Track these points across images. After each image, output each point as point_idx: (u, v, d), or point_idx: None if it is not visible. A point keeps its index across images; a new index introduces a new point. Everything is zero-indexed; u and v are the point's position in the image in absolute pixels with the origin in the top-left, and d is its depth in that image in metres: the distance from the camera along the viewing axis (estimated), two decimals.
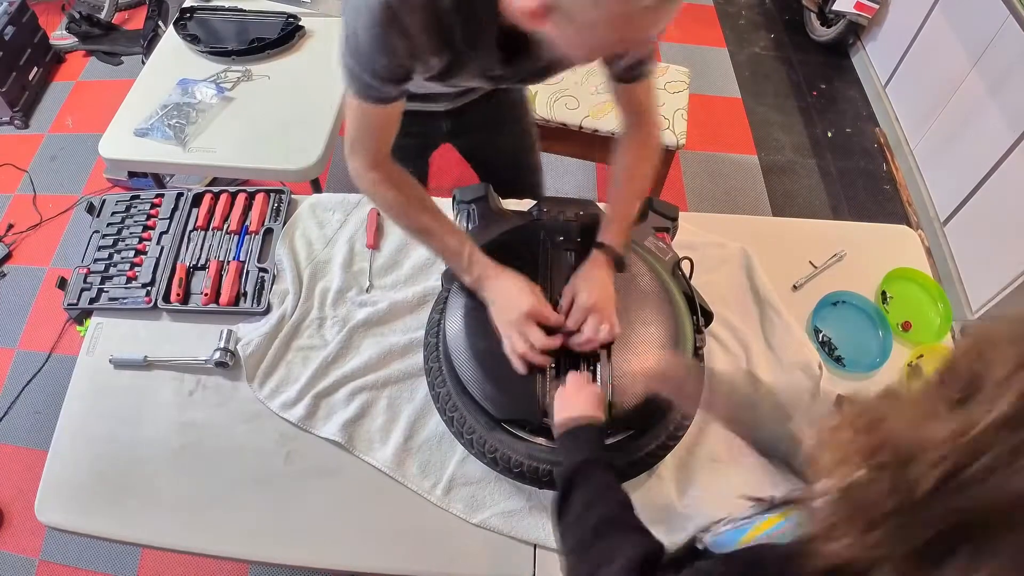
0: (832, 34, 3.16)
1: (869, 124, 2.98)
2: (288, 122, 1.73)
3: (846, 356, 1.31)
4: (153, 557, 1.82)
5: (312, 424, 1.19)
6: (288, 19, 1.91)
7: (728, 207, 2.64)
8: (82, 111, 2.85)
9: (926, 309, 1.40)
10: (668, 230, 1.30)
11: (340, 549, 1.10)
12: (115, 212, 1.46)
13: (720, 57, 3.23)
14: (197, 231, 1.42)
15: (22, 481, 1.95)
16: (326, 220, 1.45)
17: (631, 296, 1.15)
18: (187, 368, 1.25)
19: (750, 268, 1.39)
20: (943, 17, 2.53)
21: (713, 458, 1.17)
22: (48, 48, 2.96)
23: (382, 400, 1.22)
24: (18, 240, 2.46)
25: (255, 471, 1.16)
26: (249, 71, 1.83)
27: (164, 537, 1.11)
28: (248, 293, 1.34)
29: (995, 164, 2.16)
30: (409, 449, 1.17)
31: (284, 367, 1.26)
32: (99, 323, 1.32)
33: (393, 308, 1.31)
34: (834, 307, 1.38)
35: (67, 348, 2.19)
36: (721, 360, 1.28)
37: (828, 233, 1.50)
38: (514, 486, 1.12)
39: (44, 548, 1.85)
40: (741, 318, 1.33)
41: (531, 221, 1.26)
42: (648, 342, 1.10)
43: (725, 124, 2.94)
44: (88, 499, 1.14)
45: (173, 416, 1.21)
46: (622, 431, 1.06)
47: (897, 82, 2.87)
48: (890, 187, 2.76)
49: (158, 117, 1.70)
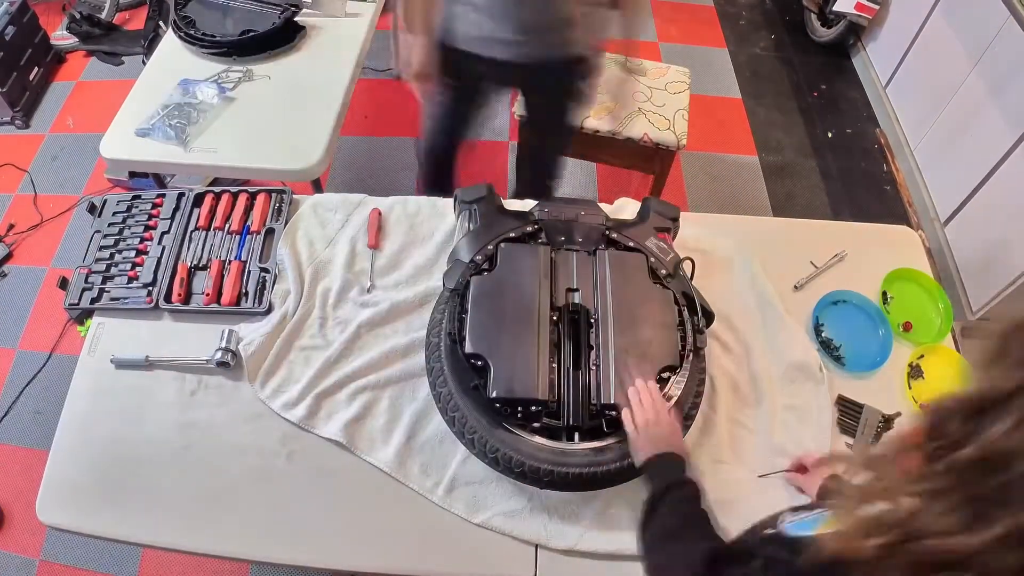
0: (832, 35, 3.16)
1: (870, 125, 2.98)
2: (289, 122, 1.73)
3: (847, 355, 1.31)
4: (154, 557, 1.82)
5: (313, 424, 1.19)
6: (285, 9, 1.90)
7: (729, 207, 2.64)
8: (83, 111, 2.85)
9: (927, 309, 1.40)
10: (669, 230, 1.30)
11: (341, 549, 1.10)
12: (116, 212, 1.46)
13: (721, 58, 3.23)
14: (199, 231, 1.42)
15: (22, 481, 1.95)
16: (328, 220, 1.45)
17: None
18: (189, 368, 1.25)
19: (751, 268, 1.39)
20: (943, 18, 2.53)
21: (716, 459, 1.17)
22: (49, 48, 2.96)
23: (384, 400, 1.22)
24: (19, 240, 2.46)
25: (257, 471, 1.16)
26: (250, 71, 1.83)
27: (165, 537, 1.11)
28: (250, 293, 1.34)
29: (995, 165, 2.16)
30: (411, 449, 1.17)
31: (286, 367, 1.26)
32: (100, 323, 1.32)
33: (395, 308, 1.31)
34: (835, 307, 1.38)
35: (68, 348, 2.19)
36: (722, 360, 1.28)
37: (829, 233, 1.50)
38: (515, 486, 1.12)
39: (45, 548, 1.85)
40: (742, 318, 1.33)
41: (532, 221, 1.26)
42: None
43: (726, 125, 2.94)
44: (89, 499, 1.14)
45: (175, 416, 1.21)
46: (622, 427, 1.06)
47: (897, 83, 2.87)
48: (891, 188, 2.76)
49: (159, 117, 1.70)
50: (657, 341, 1.11)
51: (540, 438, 1.05)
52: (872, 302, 1.37)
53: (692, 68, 2.28)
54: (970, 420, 0.50)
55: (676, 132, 2.04)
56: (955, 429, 0.51)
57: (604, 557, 1.08)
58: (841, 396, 1.25)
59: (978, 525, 0.47)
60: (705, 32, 3.34)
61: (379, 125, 2.79)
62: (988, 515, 0.47)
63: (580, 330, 1.13)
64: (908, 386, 1.27)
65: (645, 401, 1.02)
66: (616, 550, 1.08)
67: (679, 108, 2.10)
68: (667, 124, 2.06)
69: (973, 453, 0.49)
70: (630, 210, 1.42)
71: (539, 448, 1.04)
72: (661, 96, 2.14)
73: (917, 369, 1.30)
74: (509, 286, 1.15)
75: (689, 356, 1.13)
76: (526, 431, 1.05)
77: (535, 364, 1.07)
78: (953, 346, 1.34)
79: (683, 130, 2.05)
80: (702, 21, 3.40)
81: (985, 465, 0.48)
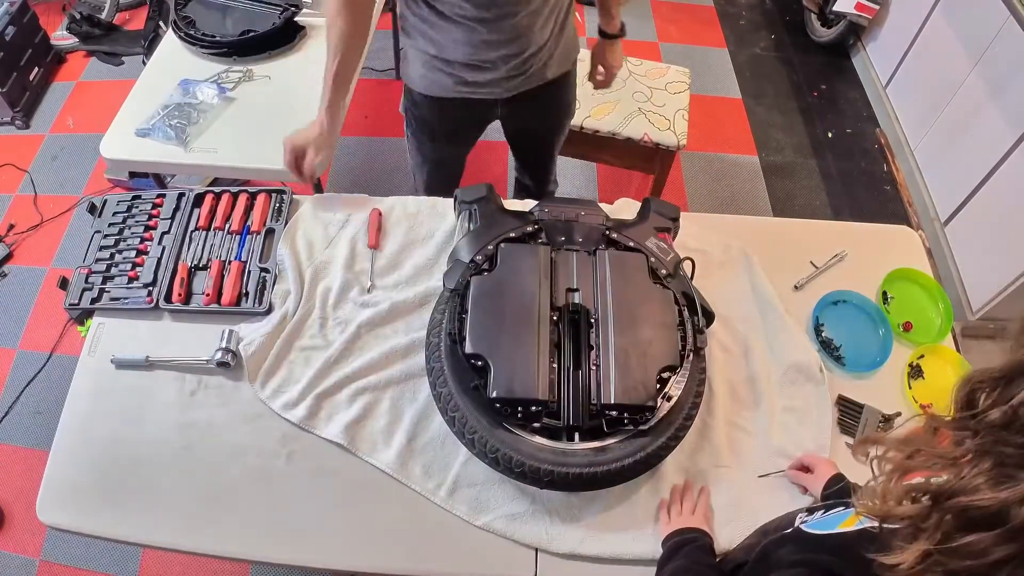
0: (833, 35, 3.16)
1: (870, 125, 2.98)
2: (289, 122, 1.72)
3: (847, 355, 1.31)
4: (154, 557, 1.82)
5: (314, 425, 1.19)
6: (285, 9, 1.90)
7: (729, 207, 2.65)
8: (83, 111, 2.85)
9: (927, 309, 1.40)
10: (669, 230, 1.30)
11: (341, 549, 1.10)
12: (116, 212, 1.46)
13: (721, 58, 3.23)
14: (199, 231, 1.42)
15: (23, 481, 1.95)
16: (328, 220, 1.45)
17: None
18: (189, 368, 1.25)
19: (751, 268, 1.39)
20: (943, 18, 2.53)
21: (716, 462, 1.17)
22: (49, 48, 2.96)
23: (384, 401, 1.22)
24: (19, 240, 2.46)
25: (257, 471, 1.16)
26: (250, 71, 1.83)
27: (165, 537, 1.11)
28: (250, 293, 1.34)
29: (996, 164, 2.16)
30: (412, 450, 1.17)
31: (286, 367, 1.26)
32: (100, 323, 1.32)
33: (395, 308, 1.31)
34: (835, 306, 1.38)
35: (68, 348, 2.19)
36: (722, 361, 1.28)
37: (829, 233, 1.50)
38: (518, 489, 1.12)
39: (45, 548, 1.85)
40: (742, 319, 1.33)
41: (532, 221, 1.26)
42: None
43: (726, 124, 2.94)
44: (89, 499, 1.14)
45: (175, 416, 1.21)
46: (623, 428, 1.06)
47: (897, 83, 2.87)
48: (891, 187, 2.76)
49: (159, 117, 1.70)
50: (657, 341, 1.11)
51: (540, 438, 1.05)
52: (872, 302, 1.37)
53: (692, 68, 2.28)
54: (998, 389, 0.55)
55: (676, 132, 2.04)
56: (985, 398, 0.55)
57: (605, 561, 1.08)
58: (841, 396, 1.25)
59: (1006, 481, 0.51)
60: (705, 32, 3.34)
61: (379, 125, 2.79)
62: (1014, 473, 0.51)
63: (580, 330, 1.13)
64: (908, 386, 1.27)
65: (686, 500, 1.10)
66: (617, 554, 1.08)
67: (679, 108, 2.10)
68: (667, 124, 2.06)
69: (1000, 417, 0.53)
70: (630, 210, 1.42)
71: (539, 448, 1.04)
72: (661, 96, 2.14)
73: (917, 369, 1.30)
74: (509, 286, 1.15)
75: (689, 356, 1.13)
76: (526, 431, 1.05)
77: (535, 364, 1.07)
78: (953, 346, 1.34)
79: (683, 130, 2.05)
80: (702, 21, 3.40)
81: (1011, 427, 0.52)
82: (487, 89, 1.43)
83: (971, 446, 0.54)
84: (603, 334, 1.11)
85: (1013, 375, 0.54)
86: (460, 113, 1.50)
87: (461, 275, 1.16)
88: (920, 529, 0.54)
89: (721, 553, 1.04)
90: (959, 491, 0.52)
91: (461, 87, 1.42)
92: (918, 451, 0.58)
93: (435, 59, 1.38)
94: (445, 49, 1.35)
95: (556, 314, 1.14)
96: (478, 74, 1.39)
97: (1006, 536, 0.50)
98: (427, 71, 1.43)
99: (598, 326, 1.13)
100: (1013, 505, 0.49)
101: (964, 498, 0.52)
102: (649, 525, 1.10)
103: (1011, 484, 0.50)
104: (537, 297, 1.14)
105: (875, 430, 1.21)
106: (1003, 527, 0.50)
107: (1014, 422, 0.52)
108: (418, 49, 1.40)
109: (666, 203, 1.34)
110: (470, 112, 1.51)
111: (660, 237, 1.27)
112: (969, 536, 0.51)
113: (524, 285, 1.15)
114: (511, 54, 1.36)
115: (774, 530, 0.83)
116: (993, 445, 0.53)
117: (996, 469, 0.52)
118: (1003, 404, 0.53)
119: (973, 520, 0.52)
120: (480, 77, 1.40)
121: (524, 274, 1.16)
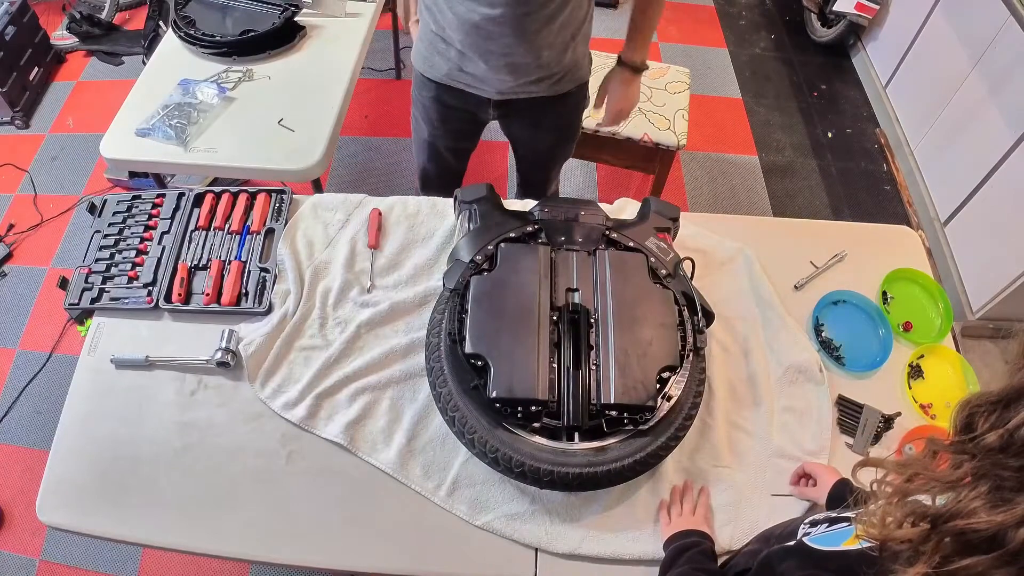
0: (832, 35, 3.16)
1: (869, 124, 2.98)
2: (289, 122, 1.73)
3: (846, 355, 1.31)
4: (154, 557, 1.82)
5: (314, 424, 1.19)
6: (285, 9, 1.90)
7: (729, 207, 2.65)
8: (83, 111, 2.85)
9: (927, 309, 1.40)
10: (669, 230, 1.30)
11: (341, 549, 1.10)
12: (116, 212, 1.46)
13: (721, 58, 3.23)
14: (199, 231, 1.42)
15: (23, 481, 1.95)
16: (328, 220, 1.45)
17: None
18: (189, 368, 1.25)
19: (751, 268, 1.39)
20: (943, 18, 2.53)
21: (716, 462, 1.17)
22: (49, 48, 2.96)
23: (384, 401, 1.22)
24: (19, 240, 2.46)
25: (257, 471, 1.16)
26: (250, 71, 1.83)
27: (165, 537, 1.11)
28: (250, 293, 1.34)
29: (995, 164, 2.16)
30: (412, 450, 1.17)
31: (286, 367, 1.26)
32: (100, 323, 1.32)
33: (395, 308, 1.31)
34: (835, 306, 1.38)
35: (68, 348, 2.19)
36: (722, 361, 1.28)
37: (829, 233, 1.50)
38: (518, 488, 1.12)
39: (45, 548, 1.85)
40: (742, 319, 1.33)
41: (532, 221, 1.26)
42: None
43: (726, 124, 2.94)
44: (89, 499, 1.14)
45: (175, 416, 1.21)
46: (622, 428, 1.06)
47: (897, 82, 2.87)
48: (891, 187, 2.76)
49: (159, 117, 1.70)
50: (657, 341, 1.11)
51: (540, 438, 1.05)
52: (872, 302, 1.37)
53: (692, 68, 2.28)
54: (995, 412, 0.55)
55: (676, 132, 2.04)
56: (983, 421, 0.56)
57: (605, 561, 1.08)
58: (841, 396, 1.25)
59: (1003, 504, 0.52)
60: (705, 32, 3.34)
61: (379, 125, 2.79)
62: (1011, 497, 0.52)
63: (580, 330, 1.13)
64: (908, 386, 1.27)
65: (686, 501, 1.10)
66: (617, 554, 1.08)
67: (679, 108, 2.10)
68: (667, 124, 2.06)
69: (996, 440, 0.54)
70: (630, 210, 1.42)
71: (539, 448, 1.04)
72: (661, 96, 2.14)
73: (917, 369, 1.30)
74: (509, 286, 1.15)
75: (689, 356, 1.13)
76: (526, 431, 1.05)
77: (535, 364, 1.07)
78: (953, 346, 1.34)
79: (683, 130, 2.05)
80: (702, 21, 3.40)
81: (1008, 451, 0.53)
82: (479, 84, 1.43)
83: (969, 469, 0.55)
84: (603, 334, 1.11)
85: (1010, 399, 0.55)
86: (453, 101, 1.51)
87: (461, 275, 1.16)
88: (919, 552, 0.55)
89: (722, 553, 1.04)
90: (957, 514, 0.53)
91: (455, 73, 1.43)
92: (917, 474, 0.59)
93: (437, 37, 1.40)
94: (445, 29, 1.35)
95: (556, 314, 1.14)
96: (471, 64, 1.39)
97: (1003, 559, 0.50)
98: (429, 53, 1.45)
99: (598, 326, 1.13)
100: (1010, 528, 0.50)
101: (961, 521, 0.52)
102: (649, 525, 1.10)
103: (1008, 507, 0.51)
104: (537, 297, 1.14)
105: (875, 431, 1.21)
106: (1000, 550, 0.50)
107: (1011, 445, 0.53)
108: (425, 23, 1.41)
109: (666, 203, 1.34)
110: (463, 102, 1.50)
111: (660, 237, 1.27)
112: (967, 559, 0.52)
113: (524, 285, 1.15)
114: (508, 52, 1.35)
115: (777, 539, 0.83)
116: (990, 468, 0.54)
117: (993, 492, 0.53)
118: (1000, 427, 0.54)
119: (971, 543, 0.52)
120: (474, 69, 1.39)
121: (524, 274, 1.16)
